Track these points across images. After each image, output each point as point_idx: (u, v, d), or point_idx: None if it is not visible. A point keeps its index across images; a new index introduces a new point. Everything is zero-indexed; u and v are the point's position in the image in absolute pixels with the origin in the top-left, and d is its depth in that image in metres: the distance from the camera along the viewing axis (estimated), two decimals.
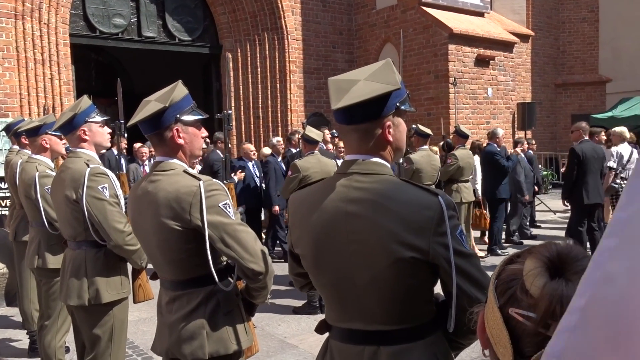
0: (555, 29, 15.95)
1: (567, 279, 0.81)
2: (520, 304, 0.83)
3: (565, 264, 0.82)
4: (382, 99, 1.45)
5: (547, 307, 0.79)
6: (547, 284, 0.80)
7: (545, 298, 0.80)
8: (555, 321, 0.78)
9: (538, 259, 0.83)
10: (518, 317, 0.83)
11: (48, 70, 8.43)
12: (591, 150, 6.76)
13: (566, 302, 0.77)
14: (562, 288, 0.80)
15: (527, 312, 0.82)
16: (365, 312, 1.48)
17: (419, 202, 1.43)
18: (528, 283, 0.82)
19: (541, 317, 0.80)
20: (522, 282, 0.84)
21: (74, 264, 2.84)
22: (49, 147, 3.81)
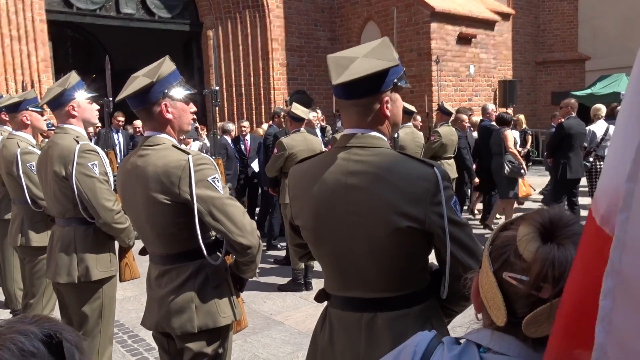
0: (536, 7, 16.01)
1: (559, 243, 0.84)
2: (514, 268, 0.87)
3: (557, 229, 0.85)
4: (380, 75, 1.49)
5: (539, 270, 0.83)
6: (540, 248, 0.84)
7: (537, 261, 0.83)
8: (547, 283, 0.82)
9: (531, 225, 0.86)
10: (512, 280, 0.86)
11: (25, 47, 8.24)
12: (578, 126, 6.87)
13: (557, 265, 0.81)
14: (553, 252, 0.83)
15: (520, 276, 0.85)
16: (364, 280, 1.54)
17: (416, 174, 1.48)
18: (521, 248, 0.86)
19: (533, 279, 0.84)
20: (515, 247, 0.87)
21: (62, 241, 2.82)
22: (30, 124, 3.75)
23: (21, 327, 0.68)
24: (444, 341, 0.97)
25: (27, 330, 0.68)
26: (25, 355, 0.66)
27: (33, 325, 0.70)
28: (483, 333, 0.94)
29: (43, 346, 0.67)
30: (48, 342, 0.68)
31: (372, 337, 1.51)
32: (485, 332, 0.93)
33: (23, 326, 0.69)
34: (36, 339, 0.67)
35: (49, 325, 0.71)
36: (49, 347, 0.68)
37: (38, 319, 0.72)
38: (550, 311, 0.81)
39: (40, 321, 0.71)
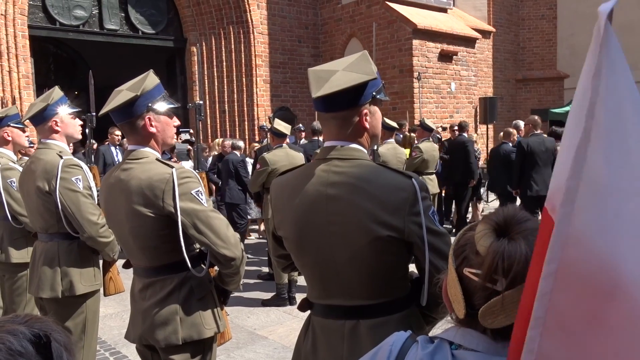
0: (516, 25, 16.36)
1: (510, 238, 0.90)
2: (471, 263, 0.93)
3: (510, 225, 0.91)
4: (359, 88, 1.54)
5: (490, 262, 0.88)
6: (493, 243, 0.89)
7: (489, 255, 0.89)
8: (500, 276, 0.87)
9: (487, 223, 0.93)
10: (469, 274, 0.92)
11: (6, 62, 8.18)
12: (538, 144, 6.94)
13: (507, 257, 0.87)
14: (504, 246, 0.89)
15: (476, 270, 0.91)
16: (346, 288, 1.57)
17: (395, 184, 1.52)
18: (477, 244, 0.92)
19: (485, 271, 0.89)
20: (473, 244, 0.94)
21: (46, 256, 2.81)
22: (11, 140, 3.72)
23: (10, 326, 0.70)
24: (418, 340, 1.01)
25: (16, 330, 0.69)
26: (13, 354, 0.67)
27: (23, 325, 0.71)
28: (451, 330, 0.99)
29: (31, 346, 0.69)
30: (37, 342, 0.70)
31: (354, 344, 1.54)
32: (453, 329, 0.98)
33: (12, 326, 0.70)
34: (25, 338, 0.69)
35: (39, 326, 0.72)
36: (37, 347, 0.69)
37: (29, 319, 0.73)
38: (503, 302, 0.86)
39: (30, 321, 0.73)
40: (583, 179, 0.62)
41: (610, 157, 0.62)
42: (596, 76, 0.63)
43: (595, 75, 0.63)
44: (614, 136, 0.62)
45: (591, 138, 0.62)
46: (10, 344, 0.67)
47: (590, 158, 0.62)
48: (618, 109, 0.62)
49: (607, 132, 0.62)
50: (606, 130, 0.62)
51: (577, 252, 0.63)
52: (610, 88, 0.62)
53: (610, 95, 0.62)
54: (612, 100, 0.62)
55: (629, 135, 0.62)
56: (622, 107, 0.62)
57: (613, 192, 0.62)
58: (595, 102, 0.62)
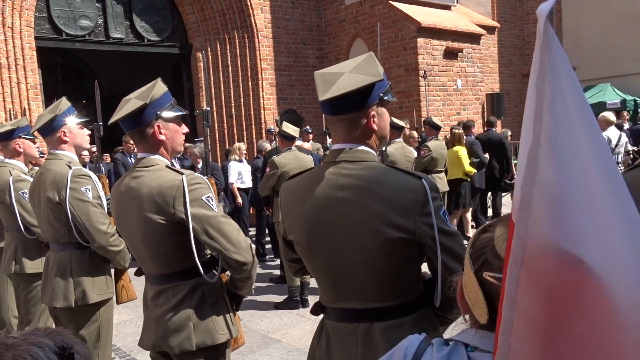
0: (520, 20, 16.27)
1: None
2: (492, 267, 0.91)
3: None
4: (366, 90, 1.53)
5: None
6: None
7: None
8: None
9: (506, 226, 0.90)
10: (491, 279, 0.90)
11: (14, 74, 8.25)
12: None
13: None
14: None
15: (499, 274, 0.88)
16: (358, 291, 1.56)
17: (405, 186, 1.51)
18: (498, 247, 0.90)
19: None
20: (493, 247, 0.92)
21: (58, 266, 2.83)
22: (23, 151, 3.76)
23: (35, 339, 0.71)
24: (433, 343, 1.00)
25: (41, 343, 0.71)
26: None
27: (46, 338, 0.72)
28: (468, 332, 0.97)
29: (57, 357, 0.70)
30: (61, 354, 0.71)
31: (368, 347, 1.53)
32: (470, 331, 0.97)
33: (37, 338, 0.71)
34: (50, 350, 0.70)
35: (61, 338, 0.74)
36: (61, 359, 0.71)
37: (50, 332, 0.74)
38: None
39: (52, 334, 0.74)
40: (536, 184, 0.63)
41: (561, 160, 0.62)
42: (540, 79, 0.63)
43: (539, 78, 0.63)
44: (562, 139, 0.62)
45: (541, 143, 0.63)
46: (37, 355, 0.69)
47: (541, 163, 0.63)
48: (564, 111, 0.62)
49: (555, 136, 0.62)
50: (554, 134, 0.62)
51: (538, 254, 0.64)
52: (555, 90, 0.62)
53: (555, 98, 0.62)
54: (557, 103, 0.62)
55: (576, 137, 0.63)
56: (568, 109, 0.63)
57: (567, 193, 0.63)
58: (542, 106, 0.62)
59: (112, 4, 10.08)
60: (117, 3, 10.15)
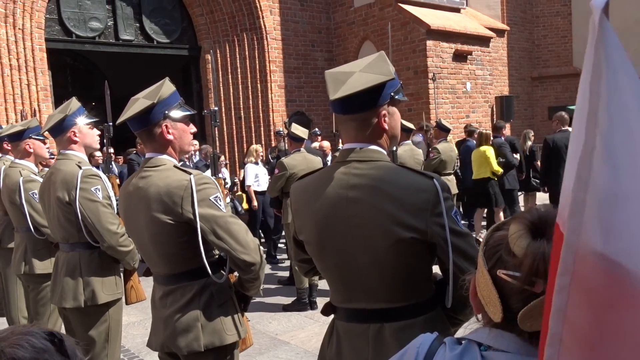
0: (530, 23, 16.20)
1: (549, 239, 0.86)
2: (507, 265, 0.89)
3: (546, 225, 0.87)
4: (377, 89, 1.52)
5: (531, 265, 0.85)
6: (530, 244, 0.86)
7: (528, 257, 0.85)
8: (539, 278, 0.84)
9: (521, 223, 0.89)
10: (505, 277, 0.88)
11: (25, 76, 8.31)
12: (564, 139, 6.90)
13: (548, 260, 0.82)
14: (543, 247, 0.85)
15: (513, 272, 0.87)
16: (369, 291, 1.55)
17: (416, 185, 1.50)
18: (512, 245, 0.88)
19: (525, 274, 0.86)
20: (507, 245, 0.90)
21: (68, 266, 2.83)
22: (33, 152, 3.77)
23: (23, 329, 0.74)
24: (445, 341, 0.99)
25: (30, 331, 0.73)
26: (38, 351, 0.71)
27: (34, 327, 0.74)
28: (482, 331, 0.96)
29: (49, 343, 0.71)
30: (51, 340, 0.73)
31: (379, 348, 1.52)
32: (484, 330, 0.96)
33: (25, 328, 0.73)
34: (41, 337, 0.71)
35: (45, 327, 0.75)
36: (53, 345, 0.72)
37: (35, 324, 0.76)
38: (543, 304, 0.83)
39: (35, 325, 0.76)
40: (590, 190, 0.60)
41: (617, 164, 0.59)
42: (595, 78, 0.59)
43: (594, 76, 0.59)
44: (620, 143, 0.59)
45: (596, 146, 0.59)
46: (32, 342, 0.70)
47: (595, 167, 0.59)
48: (622, 111, 0.58)
49: (611, 138, 0.59)
50: (610, 137, 0.59)
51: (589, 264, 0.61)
52: (611, 89, 0.58)
53: (612, 97, 0.58)
54: (615, 102, 0.58)
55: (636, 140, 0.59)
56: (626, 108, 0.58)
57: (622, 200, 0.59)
58: (597, 107, 0.59)
59: (122, 5, 10.13)
60: (127, 5, 10.20)
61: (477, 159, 7.56)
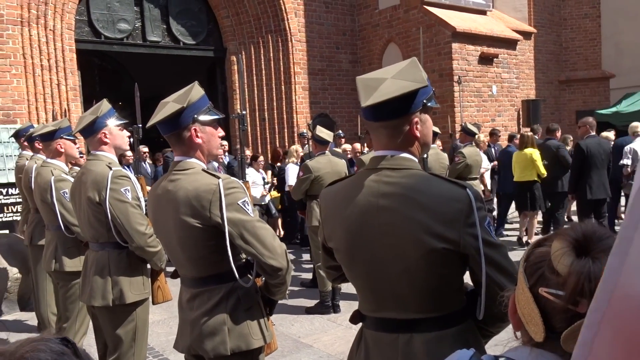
0: (557, 25, 15.96)
1: (593, 257, 0.84)
2: (549, 283, 0.87)
3: (591, 243, 0.85)
4: (409, 96, 1.50)
5: (575, 284, 0.83)
6: (574, 262, 0.84)
7: (572, 275, 0.83)
8: (583, 298, 0.81)
9: (564, 240, 0.86)
10: (547, 295, 0.86)
11: (55, 76, 8.48)
12: (596, 146, 6.79)
13: (593, 279, 0.81)
14: (588, 265, 0.83)
15: (556, 291, 0.85)
16: (399, 301, 1.53)
17: (449, 195, 1.48)
18: (555, 262, 0.86)
19: (569, 294, 0.83)
20: (549, 262, 0.87)
21: (97, 265, 2.87)
22: (64, 152, 3.84)
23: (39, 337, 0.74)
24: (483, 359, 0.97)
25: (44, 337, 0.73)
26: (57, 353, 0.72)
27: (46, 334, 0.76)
28: (522, 350, 0.93)
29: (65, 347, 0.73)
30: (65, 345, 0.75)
31: (409, 358, 1.50)
32: (524, 349, 0.93)
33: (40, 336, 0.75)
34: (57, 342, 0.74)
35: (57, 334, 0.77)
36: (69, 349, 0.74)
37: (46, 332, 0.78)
38: None
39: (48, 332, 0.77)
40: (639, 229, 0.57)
41: None
42: None
43: None
44: None
45: None
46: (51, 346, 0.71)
47: None
48: None
49: None
50: None
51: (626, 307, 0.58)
52: None
53: None
54: None
55: None
56: None
57: None
58: None
59: (150, 7, 10.27)
60: (155, 7, 10.33)
61: (521, 161, 7.50)
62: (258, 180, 7.90)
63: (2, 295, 6.02)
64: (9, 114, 7.88)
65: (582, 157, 6.75)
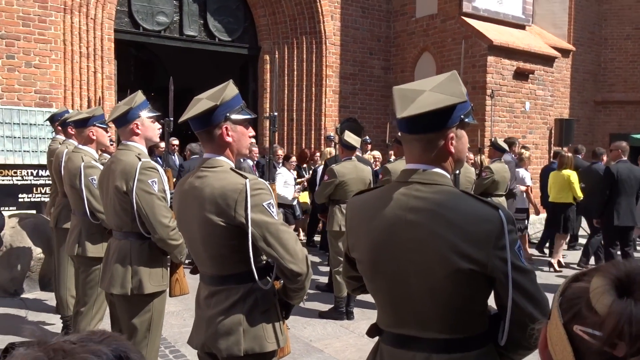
0: (597, 45, 15.64)
1: (636, 299, 0.79)
2: (586, 321, 0.82)
3: (634, 283, 0.80)
4: (447, 110, 1.47)
5: (614, 325, 0.78)
6: (615, 302, 0.79)
7: (612, 316, 0.78)
8: (622, 341, 0.77)
9: (605, 277, 0.82)
10: (583, 334, 0.81)
11: (92, 63, 8.65)
12: (627, 171, 6.63)
13: (635, 322, 0.75)
14: (630, 307, 0.78)
15: (593, 330, 0.80)
16: (419, 319, 1.50)
17: (480, 215, 1.44)
18: (594, 300, 0.81)
19: (607, 335, 0.78)
20: (588, 299, 0.82)
21: (119, 254, 2.91)
22: (95, 139, 3.91)
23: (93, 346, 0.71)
24: None
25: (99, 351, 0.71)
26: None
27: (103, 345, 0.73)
28: None
29: None
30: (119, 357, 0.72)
31: None
32: None
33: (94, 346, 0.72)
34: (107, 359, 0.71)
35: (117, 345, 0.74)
36: None
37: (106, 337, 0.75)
38: None
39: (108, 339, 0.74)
40: None
41: None
42: None
43: None
44: None
45: None
46: None
47: None
48: None
49: None
50: None
51: None
52: None
53: None
54: None
55: None
56: None
57: None
58: None
59: (189, 2, 10.40)
60: (193, 2, 10.46)
61: (557, 182, 7.43)
62: (290, 180, 7.88)
63: (25, 273, 6.16)
64: (45, 97, 8.06)
65: (611, 182, 6.60)
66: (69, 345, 0.70)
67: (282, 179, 7.69)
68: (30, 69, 7.96)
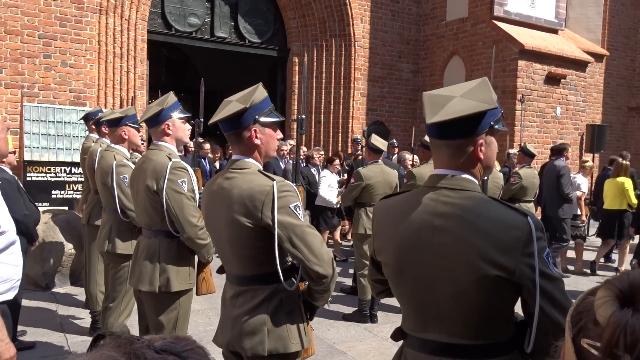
0: (632, 50, 15.27)
1: (636, 309, 0.78)
2: (590, 333, 0.82)
3: (637, 294, 0.79)
4: (477, 117, 1.47)
5: (610, 336, 0.77)
6: (614, 313, 0.78)
7: (610, 327, 0.77)
8: (622, 352, 0.76)
9: (609, 289, 0.81)
10: (587, 347, 0.81)
11: (125, 64, 8.83)
12: None
13: (630, 332, 0.74)
14: (627, 317, 0.77)
15: (595, 342, 0.80)
16: (445, 324, 1.50)
17: (508, 221, 1.44)
18: (597, 312, 0.81)
19: (605, 346, 0.78)
20: (593, 312, 0.82)
21: (148, 251, 2.97)
22: (127, 138, 4.00)
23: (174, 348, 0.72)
24: None
25: None
26: None
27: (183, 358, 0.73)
28: None
29: None
30: None
31: None
32: None
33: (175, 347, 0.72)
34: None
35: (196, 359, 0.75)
36: None
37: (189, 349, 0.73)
38: None
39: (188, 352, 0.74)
40: None
41: None
42: None
43: None
44: None
45: None
46: None
47: None
48: None
49: None
50: None
51: None
52: None
53: None
54: None
55: None
56: None
57: None
58: None
59: (220, 4, 10.53)
60: (225, 4, 10.58)
61: (612, 189, 7.42)
62: (334, 183, 7.86)
63: (56, 268, 6.32)
64: (79, 96, 8.27)
65: None
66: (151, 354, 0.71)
67: (326, 182, 7.67)
68: (65, 69, 8.17)
